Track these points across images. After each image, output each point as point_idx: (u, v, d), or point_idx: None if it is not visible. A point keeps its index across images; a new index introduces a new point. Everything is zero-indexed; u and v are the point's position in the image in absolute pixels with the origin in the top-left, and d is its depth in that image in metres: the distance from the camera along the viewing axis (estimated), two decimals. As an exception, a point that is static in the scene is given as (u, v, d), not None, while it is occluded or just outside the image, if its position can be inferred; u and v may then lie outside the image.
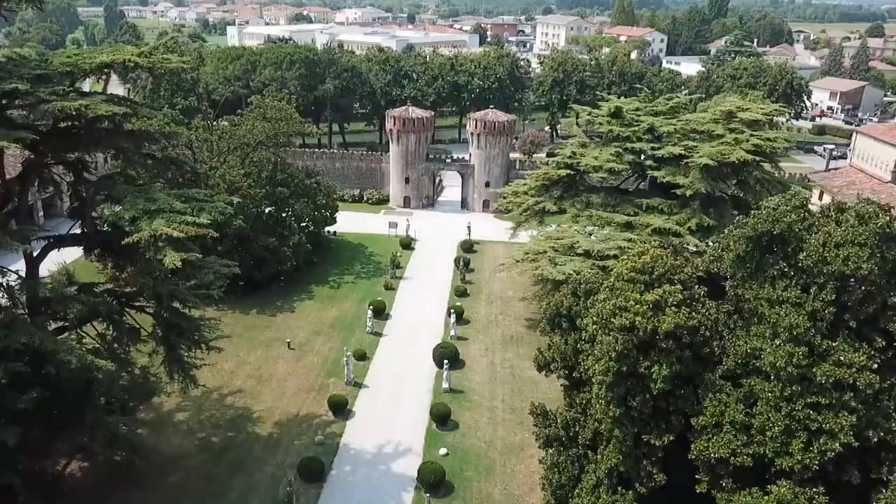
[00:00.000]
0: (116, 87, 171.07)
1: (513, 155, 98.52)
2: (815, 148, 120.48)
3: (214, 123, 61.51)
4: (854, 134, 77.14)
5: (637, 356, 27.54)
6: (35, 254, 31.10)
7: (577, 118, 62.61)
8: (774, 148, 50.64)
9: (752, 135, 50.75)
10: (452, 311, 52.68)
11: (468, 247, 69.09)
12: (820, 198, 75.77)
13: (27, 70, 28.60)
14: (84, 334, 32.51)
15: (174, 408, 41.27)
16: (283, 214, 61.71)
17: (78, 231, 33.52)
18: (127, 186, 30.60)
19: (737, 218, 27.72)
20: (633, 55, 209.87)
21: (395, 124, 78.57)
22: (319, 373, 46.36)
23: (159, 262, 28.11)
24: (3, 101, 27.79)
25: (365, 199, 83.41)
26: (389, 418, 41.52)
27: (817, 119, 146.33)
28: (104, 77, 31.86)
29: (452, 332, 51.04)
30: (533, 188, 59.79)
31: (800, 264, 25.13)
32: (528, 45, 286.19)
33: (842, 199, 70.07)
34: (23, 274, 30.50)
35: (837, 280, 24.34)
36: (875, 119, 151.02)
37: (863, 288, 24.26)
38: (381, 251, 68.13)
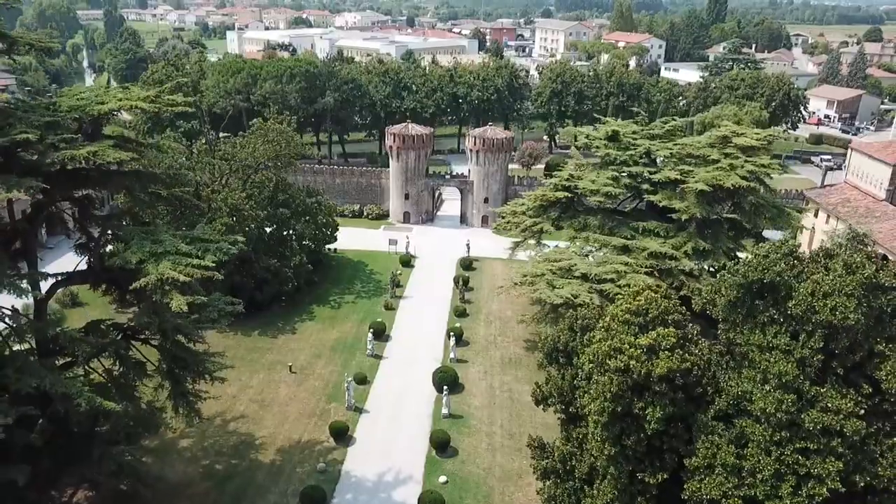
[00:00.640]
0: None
1: (512, 166, 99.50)
2: (812, 158, 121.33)
3: (216, 145, 61.98)
4: (849, 150, 77.62)
5: (631, 397, 28.30)
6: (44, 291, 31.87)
7: (574, 140, 63.22)
8: (768, 174, 51.37)
9: (746, 160, 51.51)
10: (452, 333, 53.38)
11: (467, 264, 69.83)
12: (815, 215, 76.58)
13: (37, 117, 29.28)
14: (91, 370, 33.18)
15: (178, 435, 41.96)
16: (285, 234, 62.52)
17: (83, 264, 34.33)
18: (134, 227, 31.32)
19: (728, 264, 28.40)
20: (632, 62, 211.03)
21: (394, 141, 79.31)
22: (321, 397, 47.07)
23: (165, 305, 28.83)
24: (15, 149, 28.34)
25: (365, 214, 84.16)
26: (390, 445, 42.24)
27: (816, 128, 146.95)
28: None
29: (452, 355, 51.77)
30: (531, 209, 60.44)
31: (789, 312, 25.87)
32: (527, 49, 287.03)
33: (837, 215, 70.91)
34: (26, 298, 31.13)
35: (825, 328, 25.08)
36: (872, 128, 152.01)
37: (850, 336, 24.99)
38: (381, 269, 68.85)
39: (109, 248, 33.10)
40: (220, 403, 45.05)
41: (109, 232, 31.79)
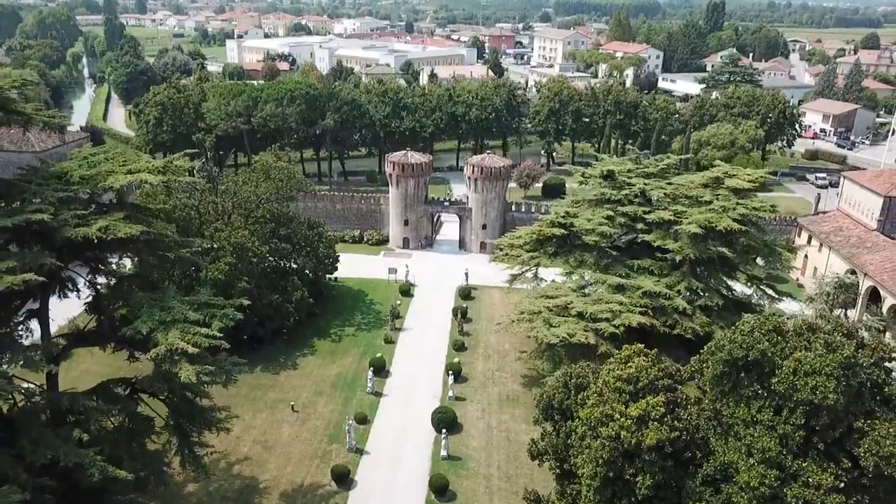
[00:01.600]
0: (119, 108, 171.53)
1: (511, 185, 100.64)
2: (808, 176, 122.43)
3: (219, 181, 63.10)
4: (841, 179, 78.82)
5: (623, 463, 29.53)
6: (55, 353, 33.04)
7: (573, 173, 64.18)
8: (760, 216, 52.59)
9: (738, 203, 52.71)
10: (450, 371, 54.54)
11: (466, 293, 70.98)
12: (809, 242, 77.79)
13: (50, 192, 30.43)
14: (101, 428, 34.33)
15: (183, 480, 42.99)
16: (287, 267, 63.57)
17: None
18: (143, 294, 32.44)
19: (713, 343, 29.54)
20: (630, 73, 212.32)
21: (394, 169, 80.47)
22: (322, 438, 48.21)
23: (175, 375, 30.00)
24: (31, 227, 29.45)
25: (365, 239, 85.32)
26: (390, 488, 43.39)
27: (811, 143, 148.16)
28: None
29: (451, 393, 52.91)
30: (527, 242, 61.52)
31: (773, 388, 27.05)
32: (525, 57, 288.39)
33: (829, 244, 72.07)
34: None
35: (807, 405, 26.26)
36: (867, 142, 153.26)
37: (830, 414, 26.17)
38: (381, 298, 70.01)
39: (120, 312, 34.20)
40: (225, 445, 46.12)
41: (120, 299, 32.83)
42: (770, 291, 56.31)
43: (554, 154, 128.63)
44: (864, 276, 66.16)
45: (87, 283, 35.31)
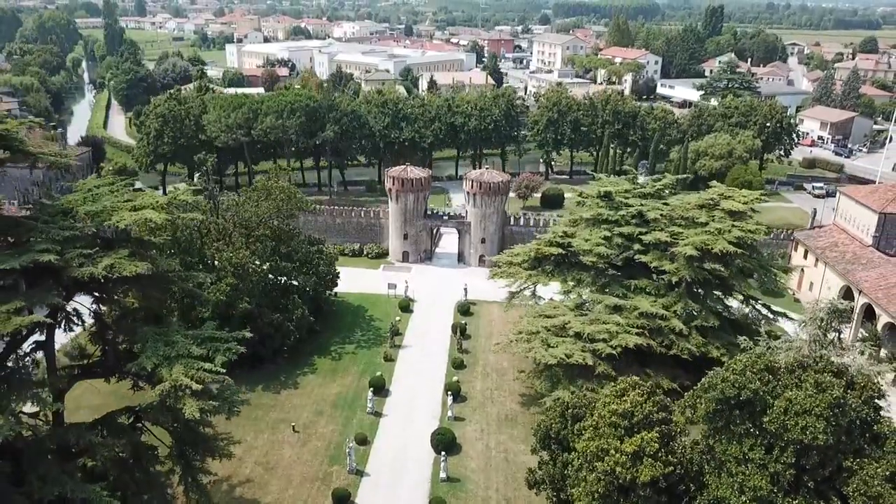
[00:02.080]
0: (119, 115, 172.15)
1: (510, 194, 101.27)
2: (805, 185, 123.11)
3: (220, 200, 63.71)
4: (838, 194, 79.45)
5: (618, 497, 30.16)
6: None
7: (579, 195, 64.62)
8: (755, 239, 53.21)
9: (733, 225, 53.33)
10: (449, 391, 55.17)
11: (465, 309, 71.61)
12: (805, 256, 78.46)
13: (56, 230, 30.99)
14: (106, 458, 34.89)
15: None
16: (287, 283, 64.04)
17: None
18: (148, 329, 33.03)
19: (706, 381, 30.17)
20: (628, 79, 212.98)
21: (393, 184, 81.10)
22: (323, 459, 48.81)
23: (179, 411, 30.61)
24: (38, 268, 30.02)
25: (365, 253, 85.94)
26: (390, 511, 44.04)
27: (809, 151, 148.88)
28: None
29: (450, 414, 53.54)
30: (526, 260, 62.08)
31: (764, 426, 27.68)
32: (524, 61, 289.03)
33: (825, 260, 72.68)
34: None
35: (797, 445, 26.90)
36: (864, 150, 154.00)
37: (819, 453, 26.79)
38: (380, 314, 70.63)
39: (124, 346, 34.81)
40: (227, 467, 46.58)
41: (125, 334, 33.44)
42: (765, 311, 56.94)
43: (553, 163, 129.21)
44: (859, 293, 66.88)
45: (92, 314, 35.88)
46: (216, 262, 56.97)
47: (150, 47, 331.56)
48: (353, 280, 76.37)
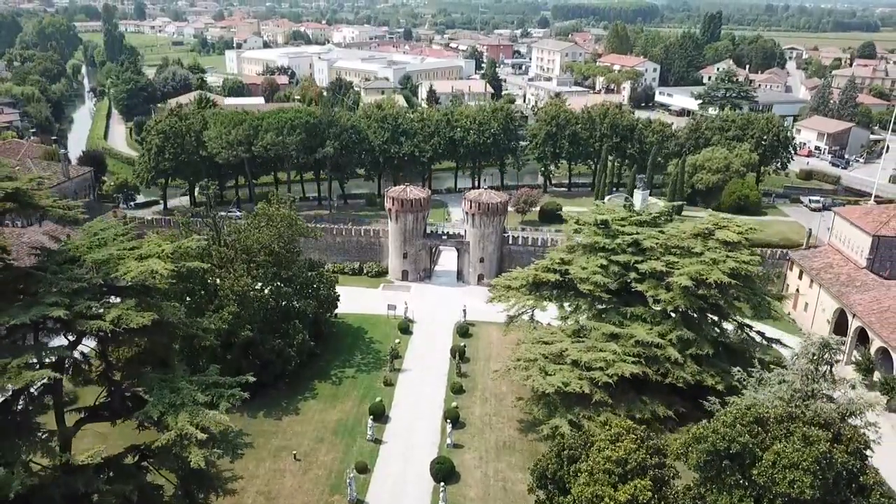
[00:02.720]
0: (120, 125, 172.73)
1: (509, 208, 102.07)
2: (801, 198, 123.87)
3: (221, 226, 64.46)
4: (833, 215, 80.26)
5: (612, 543, 30.94)
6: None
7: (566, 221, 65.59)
8: (749, 271, 54.06)
9: (728, 255, 54.19)
10: (448, 419, 55.98)
11: (464, 331, 72.43)
12: (800, 277, 79.31)
13: (65, 282, 31.78)
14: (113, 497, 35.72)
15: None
16: (288, 307, 64.75)
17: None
18: (154, 375, 33.85)
19: (695, 427, 30.98)
20: (627, 86, 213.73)
21: (393, 204, 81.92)
22: (324, 488, 49.61)
23: (184, 459, 31.42)
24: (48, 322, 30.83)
25: (365, 271, 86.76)
26: (390, 543, 44.83)
27: (806, 162, 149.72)
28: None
29: (449, 441, 54.35)
30: (523, 285, 62.88)
31: (753, 478, 28.51)
32: (523, 67, 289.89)
33: (819, 282, 73.47)
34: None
35: (785, 497, 27.72)
36: (861, 160, 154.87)
37: (807, 506, 27.64)
38: (380, 336, 71.44)
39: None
40: (229, 498, 47.38)
41: (132, 380, 34.25)
42: (759, 339, 57.78)
43: (551, 176, 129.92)
44: (852, 316, 67.74)
45: (98, 355, 36.69)
46: (218, 291, 57.66)
47: (150, 52, 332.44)
48: (353, 299, 77.17)
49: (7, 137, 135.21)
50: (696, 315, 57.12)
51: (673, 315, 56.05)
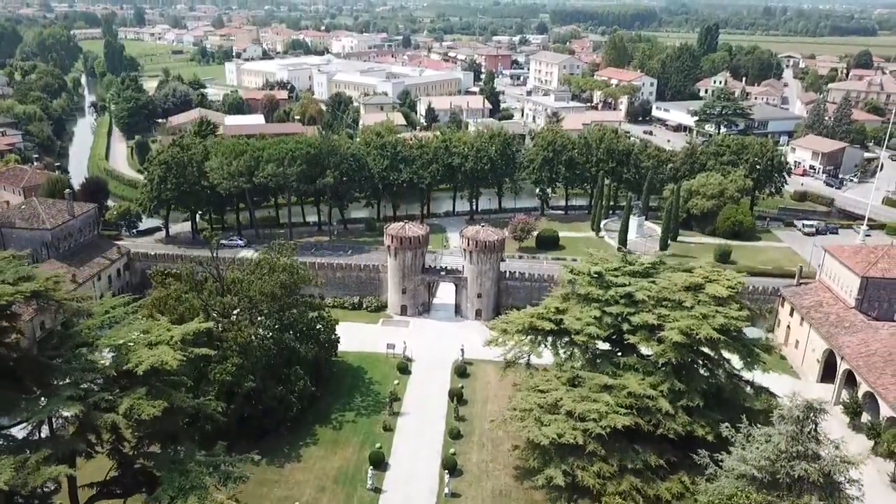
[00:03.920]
0: (121, 143, 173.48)
1: (504, 231, 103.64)
2: (795, 222, 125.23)
3: (224, 279, 65.91)
4: (824, 253, 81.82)
5: None
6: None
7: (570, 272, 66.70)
8: (739, 327, 55.68)
9: (717, 311, 55.79)
10: (446, 468, 57.56)
11: (462, 371, 73.98)
12: (791, 314, 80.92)
13: (79, 374, 33.36)
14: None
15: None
16: (288, 348, 66.11)
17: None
18: (164, 455, 35.45)
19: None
20: (624, 101, 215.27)
21: (392, 241, 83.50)
22: (326, 542, 51.21)
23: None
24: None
25: (364, 306, 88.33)
26: None
27: (801, 182, 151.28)
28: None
29: (446, 490, 55.98)
30: (520, 331, 64.32)
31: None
32: (521, 78, 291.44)
33: (810, 321, 75.07)
34: None
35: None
36: (855, 179, 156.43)
37: None
38: (379, 377, 73.02)
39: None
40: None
41: (142, 460, 35.82)
42: (749, 390, 59.33)
43: (548, 200, 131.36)
44: (841, 359, 69.35)
45: (110, 432, 38.24)
46: (223, 343, 59.10)
47: (150, 62, 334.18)
48: (353, 336, 78.63)
49: (10, 161, 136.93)
50: (686, 367, 58.65)
51: (665, 367, 57.51)
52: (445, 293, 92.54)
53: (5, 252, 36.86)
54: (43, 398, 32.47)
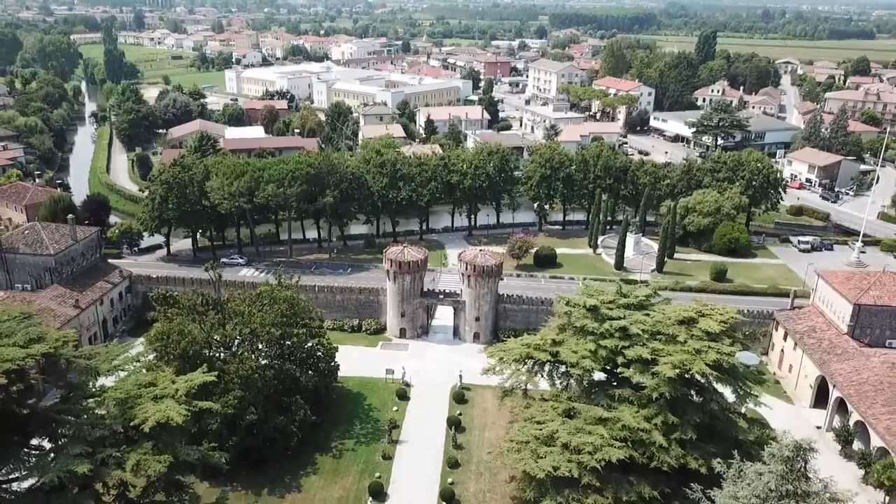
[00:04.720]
0: (121, 154, 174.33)
1: (499, 249, 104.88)
2: (791, 238, 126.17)
3: (226, 309, 66.92)
4: (817, 278, 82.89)
5: None
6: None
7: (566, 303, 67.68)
8: (731, 363, 56.80)
9: (710, 346, 56.89)
10: (444, 501, 58.64)
11: (460, 397, 75.01)
12: (784, 339, 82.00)
13: (88, 430, 34.38)
14: None
15: None
16: (290, 375, 67.07)
17: None
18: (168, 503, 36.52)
19: None
20: (622, 111, 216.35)
21: (391, 266, 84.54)
22: (326, 576, 52.25)
23: None
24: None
25: (363, 328, 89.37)
26: None
27: (797, 196, 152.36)
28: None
29: (444, 522, 57.08)
30: (517, 360, 65.35)
31: None
32: (520, 86, 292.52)
33: (803, 347, 76.15)
34: None
35: None
36: (851, 193, 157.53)
37: None
38: (379, 403, 74.06)
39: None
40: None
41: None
42: (742, 423, 60.36)
43: (546, 215, 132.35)
44: (833, 386, 70.42)
45: (116, 484, 39.24)
46: (224, 375, 60.07)
47: (150, 68, 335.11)
48: (352, 360, 79.55)
49: (12, 176, 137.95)
50: (680, 400, 59.67)
51: (659, 400, 58.54)
52: (444, 315, 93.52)
53: (15, 310, 37.93)
54: (52, 454, 33.53)
